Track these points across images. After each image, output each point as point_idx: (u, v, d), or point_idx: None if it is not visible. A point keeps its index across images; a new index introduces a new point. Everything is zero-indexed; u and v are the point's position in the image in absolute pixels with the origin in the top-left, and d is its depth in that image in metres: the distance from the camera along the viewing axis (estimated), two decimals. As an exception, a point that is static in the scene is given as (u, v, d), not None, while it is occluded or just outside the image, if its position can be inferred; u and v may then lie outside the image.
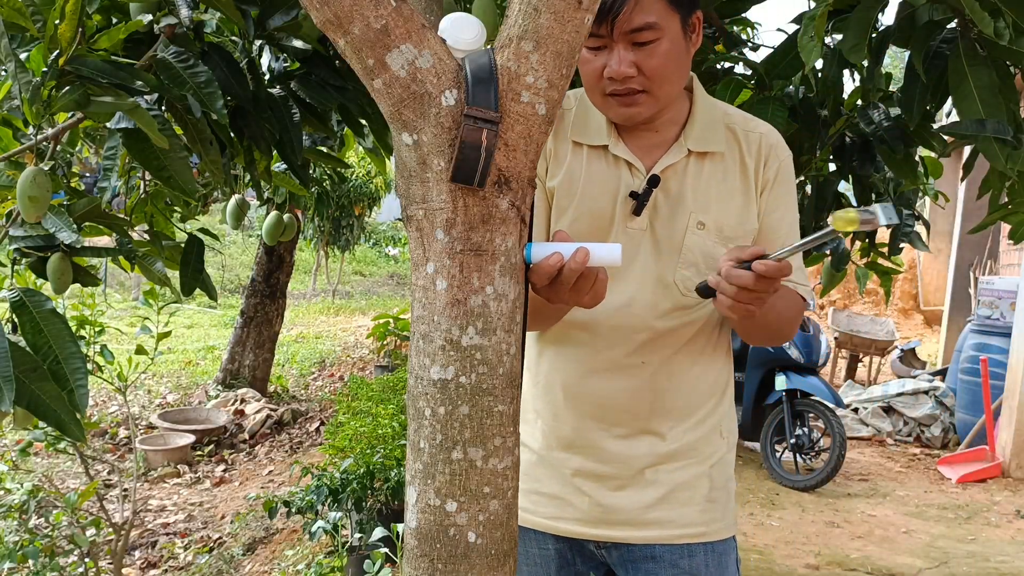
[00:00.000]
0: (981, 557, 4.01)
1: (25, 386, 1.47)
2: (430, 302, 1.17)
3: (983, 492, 5.14)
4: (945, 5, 1.68)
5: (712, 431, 1.47)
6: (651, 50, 1.26)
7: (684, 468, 1.44)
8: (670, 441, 1.43)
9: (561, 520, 1.46)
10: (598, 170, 1.39)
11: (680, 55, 1.29)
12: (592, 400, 1.42)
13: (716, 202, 1.36)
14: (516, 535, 1.20)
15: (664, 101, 1.32)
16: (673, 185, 1.36)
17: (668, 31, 1.26)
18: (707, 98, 1.41)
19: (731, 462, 1.52)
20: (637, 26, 1.24)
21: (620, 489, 1.43)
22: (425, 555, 1.19)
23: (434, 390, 1.17)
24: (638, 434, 1.42)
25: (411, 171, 1.18)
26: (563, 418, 1.45)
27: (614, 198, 1.37)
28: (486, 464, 1.19)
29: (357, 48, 1.12)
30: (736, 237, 1.36)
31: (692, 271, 1.36)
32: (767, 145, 1.38)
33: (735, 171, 1.38)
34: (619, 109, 1.32)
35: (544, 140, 1.21)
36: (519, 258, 1.20)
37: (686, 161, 1.37)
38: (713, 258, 1.34)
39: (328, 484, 3.16)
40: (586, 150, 1.41)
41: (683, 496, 1.44)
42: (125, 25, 1.75)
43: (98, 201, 1.97)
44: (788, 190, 1.41)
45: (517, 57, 1.15)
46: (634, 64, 1.26)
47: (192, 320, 10.66)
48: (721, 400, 1.48)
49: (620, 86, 1.28)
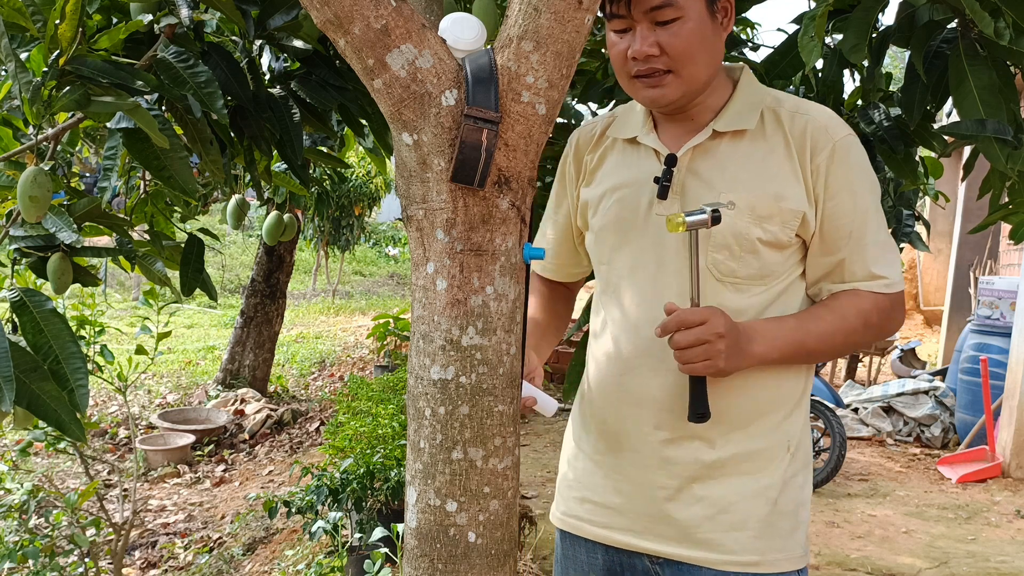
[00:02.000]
0: (981, 557, 4.01)
1: (25, 386, 1.47)
2: (430, 302, 1.17)
3: (983, 492, 5.14)
4: (945, 5, 1.68)
5: (777, 445, 1.33)
6: (674, 29, 1.23)
7: (737, 483, 1.31)
8: (719, 449, 1.31)
9: (611, 529, 1.39)
10: (628, 162, 1.38)
11: (706, 36, 1.26)
12: (633, 398, 1.35)
13: (750, 181, 1.28)
14: (516, 535, 1.20)
15: (691, 83, 1.28)
16: (701, 167, 1.31)
17: (691, 10, 1.23)
18: (755, 87, 1.35)
19: (802, 486, 1.37)
20: (656, 4, 1.22)
21: (670, 500, 1.33)
22: (425, 555, 1.19)
23: (434, 390, 1.17)
24: (683, 438, 1.32)
25: (411, 171, 1.19)
26: (610, 418, 1.39)
27: (641, 186, 1.34)
28: (486, 464, 1.19)
29: (357, 48, 1.12)
30: (772, 215, 1.27)
31: (725, 254, 1.28)
32: (816, 128, 1.28)
33: (779, 152, 1.29)
34: (645, 91, 1.30)
35: (544, 140, 1.20)
36: (519, 258, 1.20)
37: (716, 143, 1.31)
38: (747, 240, 1.27)
39: (328, 484, 3.16)
40: (619, 145, 1.41)
41: (734, 517, 1.31)
42: (125, 25, 1.75)
43: (98, 201, 1.97)
44: (851, 172, 1.28)
45: (517, 57, 1.15)
46: (656, 44, 1.24)
47: (192, 320, 10.66)
48: (792, 413, 1.35)
49: (644, 67, 1.26)
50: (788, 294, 1.32)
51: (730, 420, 1.31)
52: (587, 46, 2.13)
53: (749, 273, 1.29)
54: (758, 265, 1.28)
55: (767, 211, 1.27)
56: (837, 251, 1.29)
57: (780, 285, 1.31)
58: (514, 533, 1.22)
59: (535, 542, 3.60)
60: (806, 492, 1.37)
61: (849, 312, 1.29)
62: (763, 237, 1.27)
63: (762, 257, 1.28)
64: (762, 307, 1.30)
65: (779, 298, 1.31)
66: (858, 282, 1.30)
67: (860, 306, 1.29)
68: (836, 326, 1.29)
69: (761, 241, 1.27)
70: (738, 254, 1.28)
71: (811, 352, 1.29)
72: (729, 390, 1.29)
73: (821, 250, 1.30)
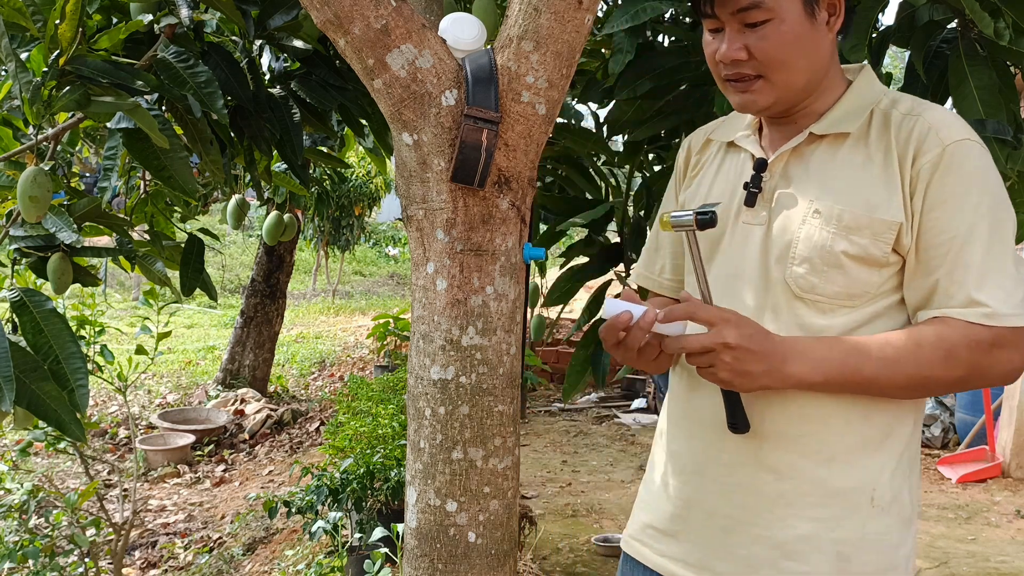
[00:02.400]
0: (981, 557, 4.01)
1: (25, 386, 1.47)
2: (430, 302, 1.17)
3: (983, 492, 5.14)
4: (945, 5, 1.68)
5: (855, 490, 1.14)
6: (764, 32, 1.13)
7: (806, 528, 1.15)
8: (786, 482, 1.15)
9: (667, 558, 1.26)
10: (724, 166, 1.30)
11: (801, 38, 1.14)
12: (699, 416, 1.23)
13: (842, 189, 1.15)
14: (516, 535, 1.20)
15: (785, 88, 1.17)
16: (794, 172, 1.20)
17: (783, 11, 1.13)
18: (870, 88, 1.22)
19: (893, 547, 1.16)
20: (744, 5, 1.13)
21: (728, 532, 1.19)
22: (425, 555, 1.19)
23: (434, 390, 1.17)
24: (746, 464, 1.18)
25: (411, 171, 1.19)
26: (678, 436, 1.28)
27: (733, 192, 1.25)
28: (486, 464, 1.19)
29: (357, 48, 1.12)
30: (861, 227, 1.12)
31: (805, 267, 1.14)
32: (924, 129, 1.12)
33: (879, 157, 1.15)
34: (736, 96, 1.21)
35: (544, 140, 1.20)
36: (519, 258, 1.20)
37: (813, 147, 1.20)
38: (831, 253, 1.12)
39: (328, 484, 3.16)
40: (723, 150, 1.32)
41: (799, 567, 1.15)
42: (125, 25, 1.75)
43: (98, 201, 1.97)
44: (962, 182, 1.11)
45: (517, 57, 1.15)
46: (744, 48, 1.15)
47: (192, 320, 10.66)
48: (879, 450, 1.15)
49: (731, 70, 1.18)
50: (884, 319, 1.15)
51: (801, 450, 1.15)
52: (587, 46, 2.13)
53: (834, 291, 1.14)
54: (844, 282, 1.13)
55: (856, 222, 1.13)
56: (933, 271, 1.11)
57: (872, 307, 1.15)
58: (514, 533, 1.22)
59: (535, 542, 3.60)
60: (899, 554, 1.17)
61: (927, 339, 1.09)
62: (850, 251, 1.12)
63: (849, 274, 1.13)
64: (846, 330, 1.14)
65: (871, 322, 1.15)
66: (952, 308, 1.09)
67: (944, 334, 1.09)
68: (905, 355, 1.09)
69: (847, 255, 1.13)
70: (820, 268, 1.13)
71: (871, 382, 1.10)
72: (803, 417, 1.15)
73: (917, 270, 1.13)
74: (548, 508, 4.29)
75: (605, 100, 2.26)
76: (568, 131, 2.27)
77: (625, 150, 2.40)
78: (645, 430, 5.97)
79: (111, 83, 1.66)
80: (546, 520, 4.06)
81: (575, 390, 2.26)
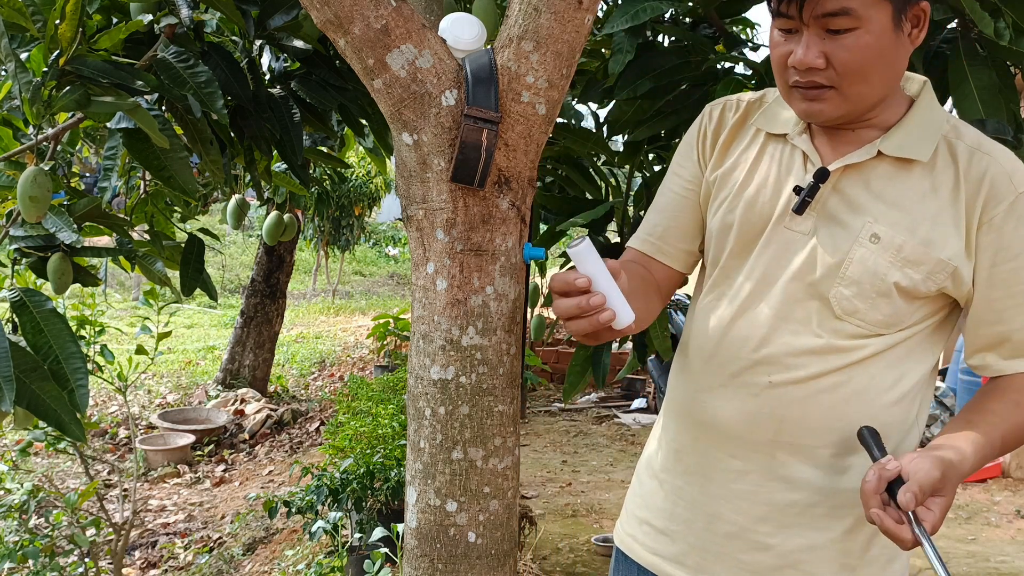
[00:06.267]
0: (981, 557, 4.01)
1: (25, 386, 1.47)
2: (430, 302, 1.17)
3: (983, 492, 5.14)
4: (945, 5, 1.68)
5: None
6: (845, 41, 1.06)
7: (809, 532, 1.15)
8: (796, 488, 1.15)
9: (661, 557, 1.25)
10: (769, 159, 1.21)
11: (885, 51, 1.07)
12: (706, 417, 1.20)
13: (904, 218, 1.11)
14: (516, 535, 1.20)
15: (857, 103, 1.11)
16: (853, 189, 1.14)
17: (871, 22, 1.05)
18: (935, 109, 1.17)
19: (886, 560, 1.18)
20: (831, 10, 1.04)
21: (731, 538, 1.18)
22: (425, 555, 1.19)
23: (434, 390, 1.18)
24: (756, 471, 1.16)
25: (411, 171, 1.19)
26: (681, 435, 1.26)
27: (777, 191, 1.17)
28: (486, 464, 1.19)
29: (357, 48, 1.12)
30: (919, 262, 1.10)
31: (853, 290, 1.11)
32: (998, 173, 1.10)
33: (945, 193, 1.11)
34: (801, 104, 1.13)
35: (544, 140, 1.20)
36: (519, 258, 1.20)
37: (876, 164, 1.14)
38: (883, 282, 1.10)
39: (328, 484, 3.16)
40: (763, 137, 1.23)
41: (801, 573, 1.16)
42: (125, 25, 1.75)
43: (98, 201, 1.97)
44: None
45: (517, 57, 1.15)
46: (823, 55, 1.07)
47: (192, 320, 10.66)
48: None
49: (803, 77, 1.09)
50: (904, 348, 1.15)
51: (815, 462, 1.15)
52: (587, 46, 2.13)
53: (876, 319, 1.12)
54: (889, 311, 1.12)
55: (915, 256, 1.10)
56: (1010, 320, 1.12)
57: (898, 337, 1.14)
58: (514, 533, 1.22)
59: (535, 542, 3.60)
60: (894, 568, 1.19)
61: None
62: (902, 282, 1.10)
63: (894, 304, 1.12)
64: (870, 354, 1.14)
65: (891, 349, 1.14)
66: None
67: None
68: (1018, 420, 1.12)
69: (898, 287, 1.11)
70: (868, 295, 1.11)
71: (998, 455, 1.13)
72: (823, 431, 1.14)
73: (988, 317, 1.12)
74: (548, 508, 4.29)
75: (605, 100, 2.26)
76: (568, 131, 2.27)
77: (625, 150, 2.40)
78: (645, 430, 5.97)
79: (111, 83, 1.66)
80: (546, 520, 4.07)
81: (575, 390, 2.26)
